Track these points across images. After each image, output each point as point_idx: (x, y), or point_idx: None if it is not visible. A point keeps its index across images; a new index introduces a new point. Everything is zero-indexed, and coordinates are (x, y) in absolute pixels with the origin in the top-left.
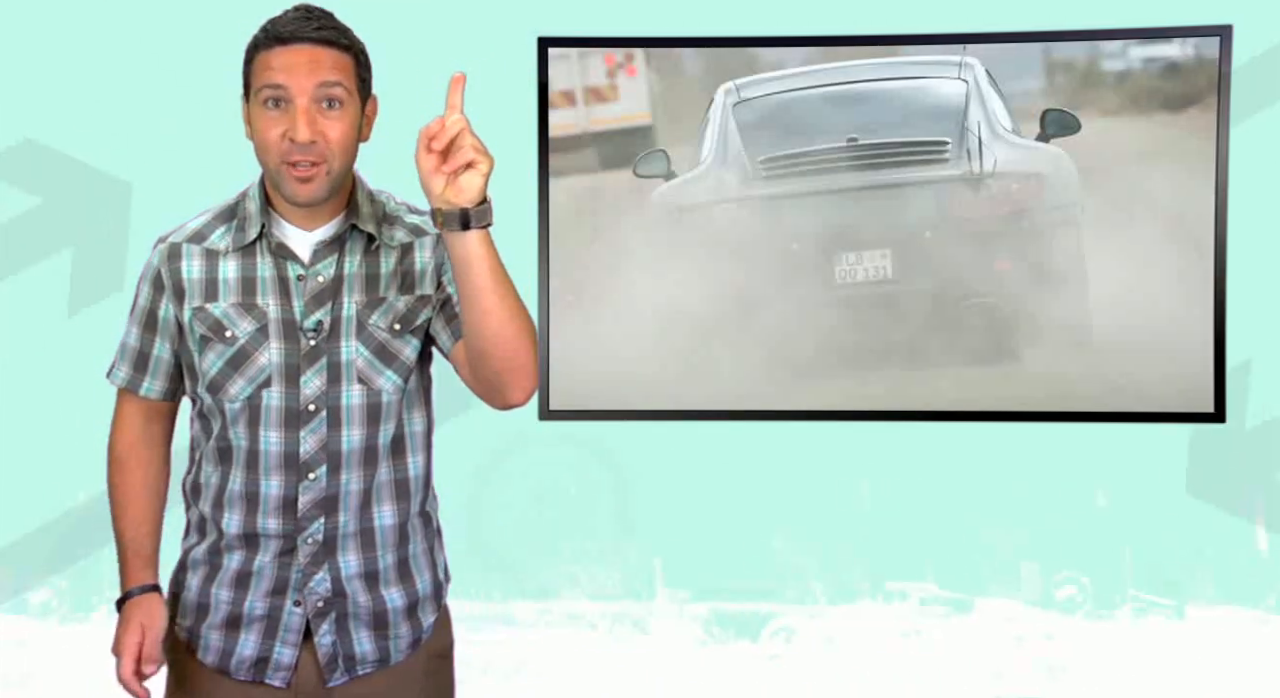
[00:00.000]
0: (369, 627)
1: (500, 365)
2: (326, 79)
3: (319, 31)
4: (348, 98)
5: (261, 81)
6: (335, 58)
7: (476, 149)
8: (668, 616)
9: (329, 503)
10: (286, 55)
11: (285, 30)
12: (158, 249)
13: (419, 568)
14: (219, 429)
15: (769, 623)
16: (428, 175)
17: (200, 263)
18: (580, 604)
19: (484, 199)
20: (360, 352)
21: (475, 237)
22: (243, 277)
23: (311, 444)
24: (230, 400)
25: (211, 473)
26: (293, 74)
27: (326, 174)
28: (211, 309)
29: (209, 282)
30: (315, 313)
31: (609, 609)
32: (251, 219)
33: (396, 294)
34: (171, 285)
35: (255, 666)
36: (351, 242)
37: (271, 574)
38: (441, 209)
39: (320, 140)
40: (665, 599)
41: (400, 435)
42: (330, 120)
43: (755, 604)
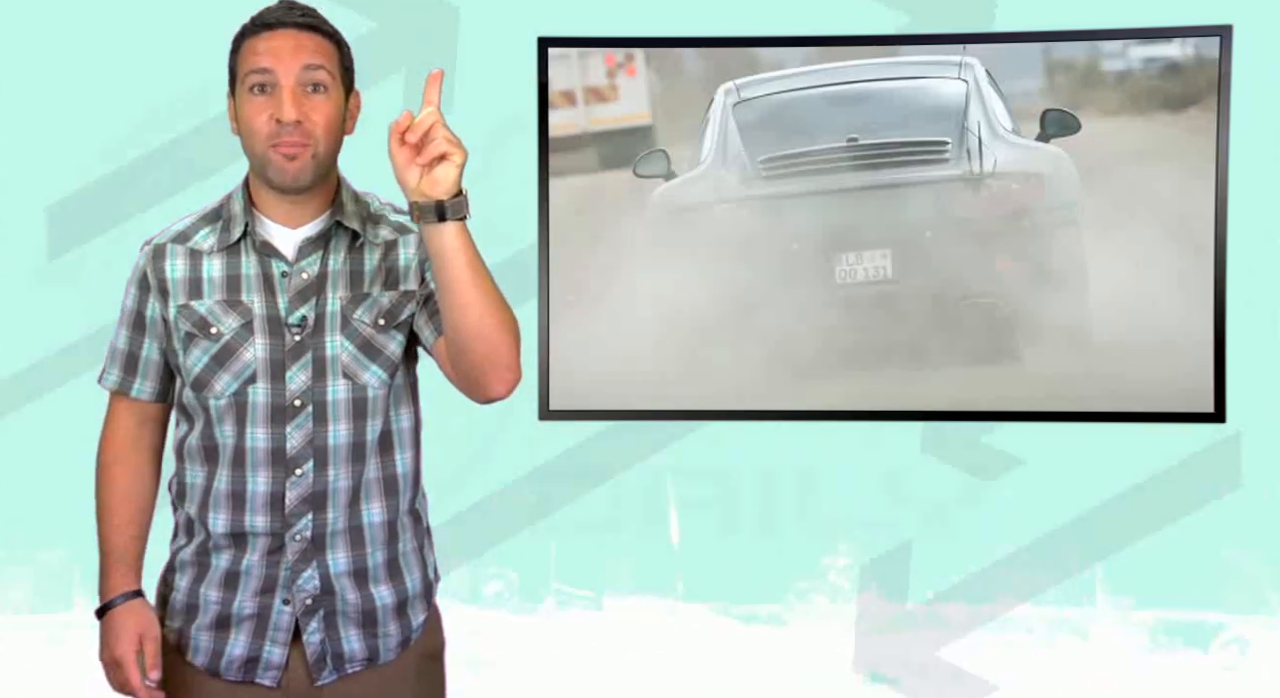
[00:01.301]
0: (357, 625)
1: (480, 359)
2: (311, 62)
3: (303, 18)
4: (332, 83)
5: (247, 67)
6: (319, 43)
7: (449, 141)
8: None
9: (317, 499)
10: (271, 40)
11: (271, 18)
12: (143, 251)
13: (408, 566)
14: (204, 427)
15: None
16: (402, 169)
17: (184, 262)
18: None
19: (459, 191)
20: (345, 347)
21: (452, 229)
22: (227, 275)
23: (298, 440)
24: (216, 397)
25: (197, 473)
26: (278, 57)
27: (313, 156)
28: (196, 306)
29: (193, 280)
30: (300, 308)
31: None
32: (235, 219)
33: (381, 290)
34: (156, 285)
35: (245, 666)
36: (336, 239)
37: (260, 573)
38: (417, 202)
39: (306, 121)
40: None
41: (387, 432)
42: (315, 103)
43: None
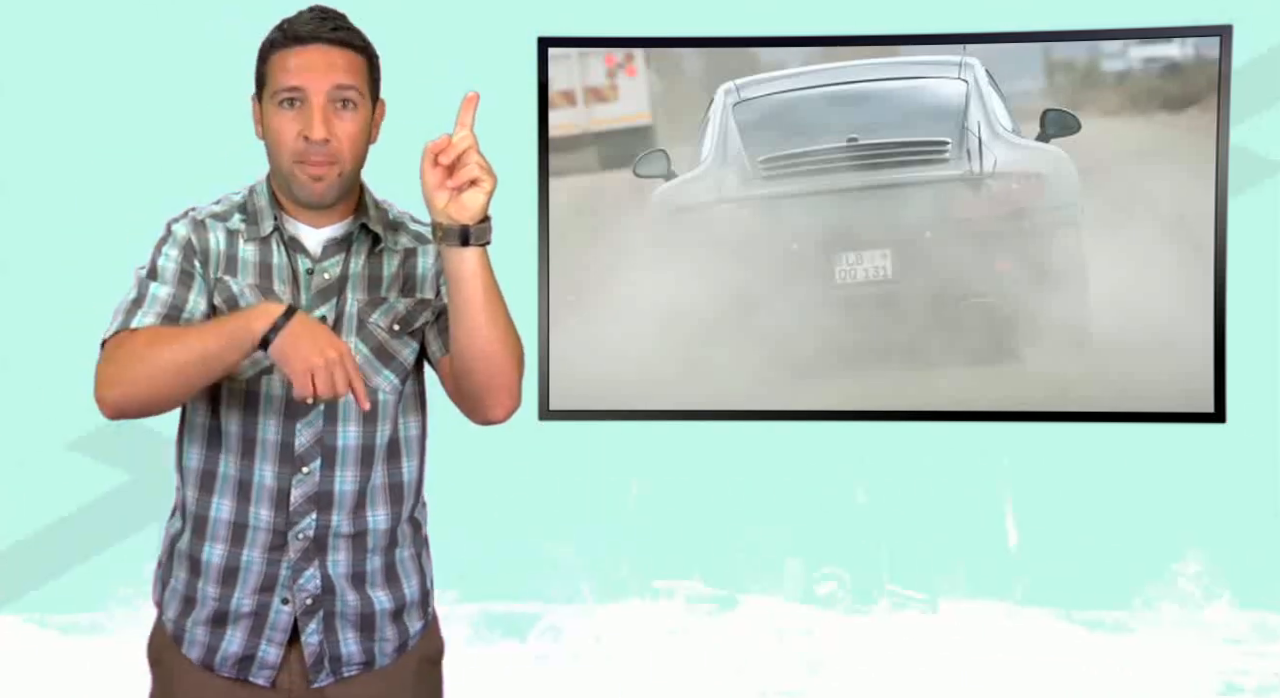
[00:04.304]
0: (355, 628)
1: (483, 382)
2: (342, 82)
3: (335, 33)
4: (360, 100)
5: (278, 83)
6: (350, 59)
7: (482, 167)
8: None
9: (322, 499)
10: (303, 56)
11: (303, 30)
12: (181, 222)
13: (406, 573)
14: (215, 409)
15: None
16: (432, 190)
17: (224, 237)
18: None
19: (485, 217)
20: (359, 349)
21: (473, 254)
22: (260, 261)
23: (307, 437)
24: (230, 379)
25: (204, 456)
26: (309, 75)
27: (339, 175)
28: (230, 283)
29: (230, 257)
30: (320, 308)
31: None
32: (263, 213)
33: (398, 296)
34: (200, 251)
35: (240, 663)
36: (358, 242)
37: (260, 570)
38: (442, 224)
39: (334, 140)
40: None
41: (396, 439)
42: (344, 121)
43: None
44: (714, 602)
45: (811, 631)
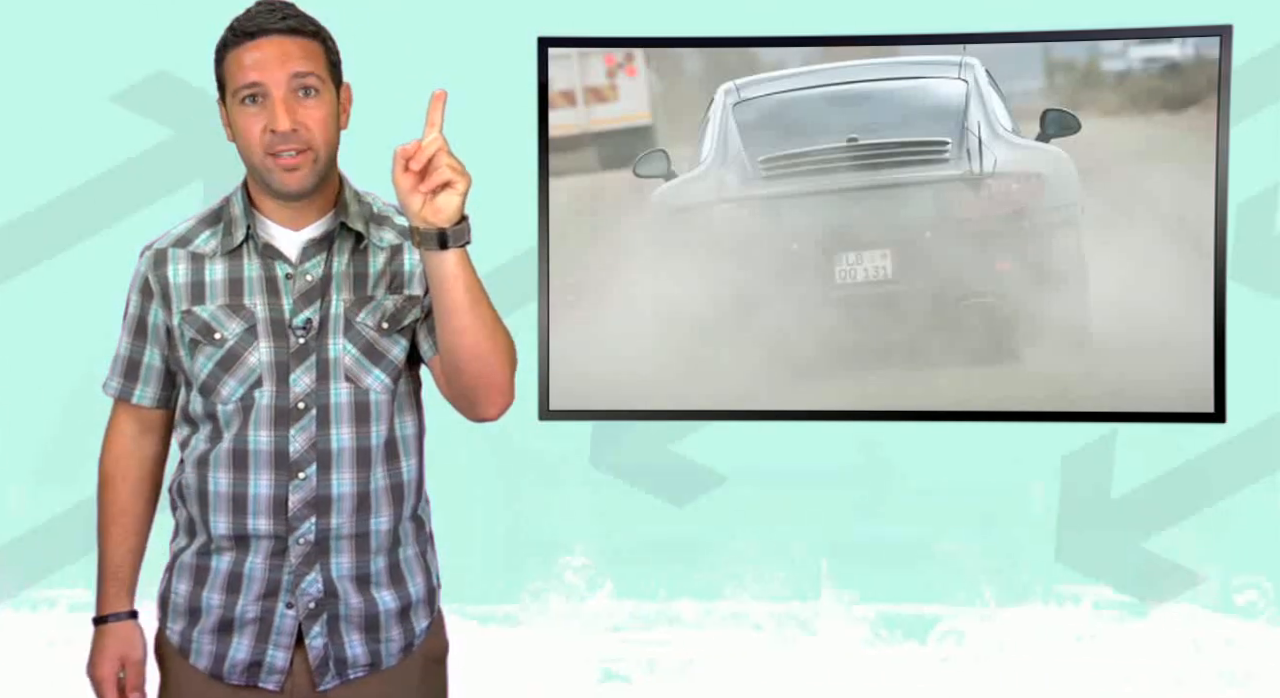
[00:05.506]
0: (360, 629)
1: (474, 382)
2: (299, 69)
3: (284, 21)
4: (322, 86)
5: (236, 82)
6: (304, 46)
7: (453, 169)
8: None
9: (321, 504)
10: (257, 50)
11: (252, 25)
12: (144, 256)
13: (411, 572)
14: (210, 431)
15: None
16: (405, 195)
17: (186, 266)
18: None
19: (462, 218)
20: (348, 349)
21: (453, 256)
22: (229, 278)
23: (301, 443)
24: (223, 402)
25: (200, 475)
26: (265, 69)
27: (313, 162)
28: (199, 311)
29: (195, 285)
30: (304, 311)
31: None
32: (237, 222)
33: (385, 293)
34: (159, 290)
35: (248, 670)
36: (340, 240)
37: (263, 577)
38: (419, 228)
39: (301, 128)
40: None
41: (392, 439)
42: (308, 108)
43: None
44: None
45: None
